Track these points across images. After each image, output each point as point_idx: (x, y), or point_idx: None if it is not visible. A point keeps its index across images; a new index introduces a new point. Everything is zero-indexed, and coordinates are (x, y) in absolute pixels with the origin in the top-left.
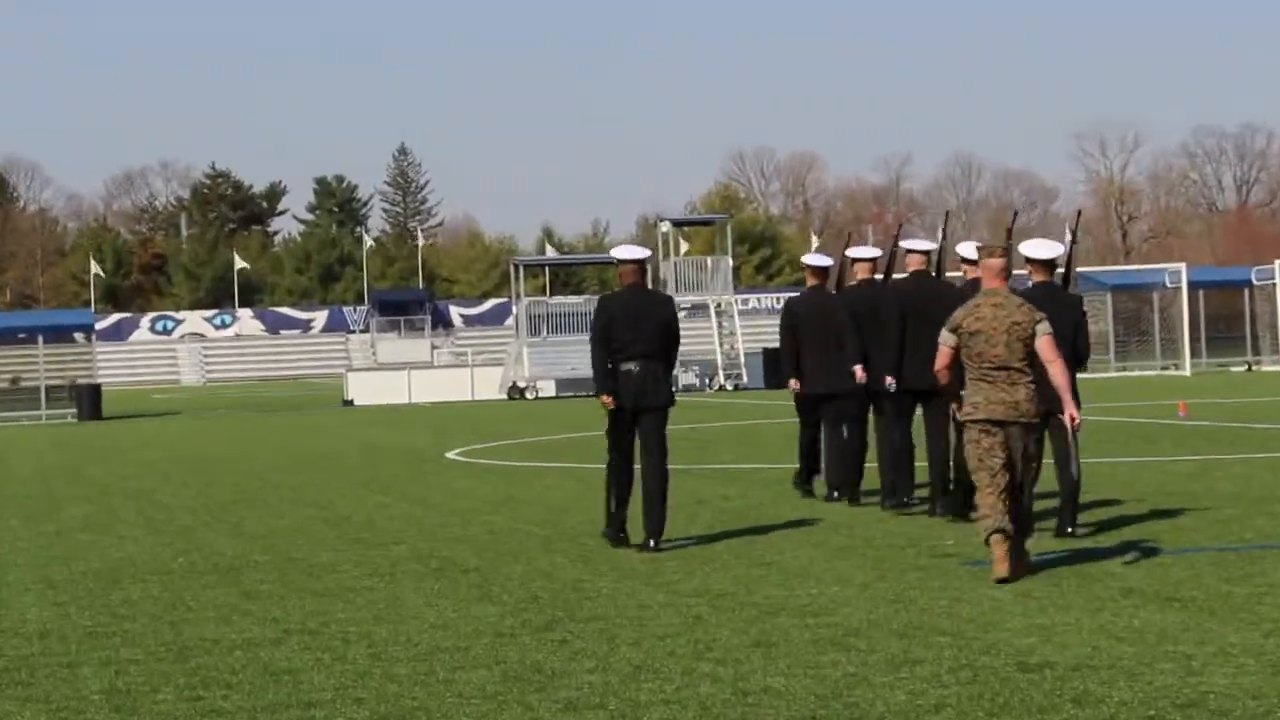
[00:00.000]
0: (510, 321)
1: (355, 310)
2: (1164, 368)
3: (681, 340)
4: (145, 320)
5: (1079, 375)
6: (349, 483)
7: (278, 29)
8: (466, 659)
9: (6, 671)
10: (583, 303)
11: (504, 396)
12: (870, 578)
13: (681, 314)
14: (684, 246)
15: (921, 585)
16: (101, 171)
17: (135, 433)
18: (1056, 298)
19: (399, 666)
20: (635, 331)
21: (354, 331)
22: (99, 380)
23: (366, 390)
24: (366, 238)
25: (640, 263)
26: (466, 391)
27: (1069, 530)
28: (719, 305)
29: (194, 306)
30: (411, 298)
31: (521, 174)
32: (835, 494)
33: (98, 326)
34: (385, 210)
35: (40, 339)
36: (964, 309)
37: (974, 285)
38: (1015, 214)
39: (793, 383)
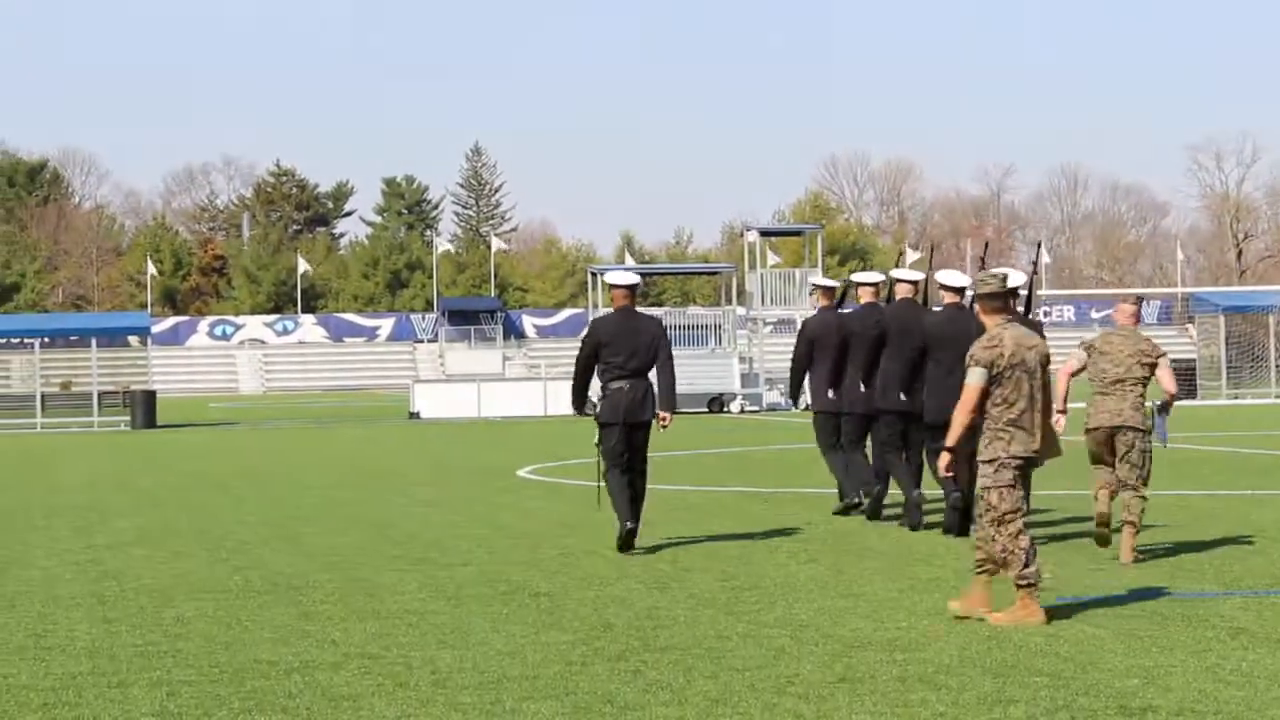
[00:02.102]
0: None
1: (423, 318)
2: (1279, 395)
3: (766, 357)
4: (204, 324)
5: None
6: (414, 500)
7: (346, 22)
8: (535, 688)
9: (54, 691)
10: (663, 315)
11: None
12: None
13: (766, 329)
14: (771, 257)
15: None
16: (161, 167)
17: (191, 443)
18: (965, 320)
19: (464, 695)
20: (625, 352)
21: (422, 341)
22: (154, 387)
23: (434, 403)
24: (437, 242)
25: (630, 287)
26: (539, 406)
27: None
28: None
29: (255, 311)
30: (483, 306)
31: (601, 178)
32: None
33: (154, 330)
34: (457, 214)
35: (94, 342)
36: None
37: (953, 311)
38: (987, 244)
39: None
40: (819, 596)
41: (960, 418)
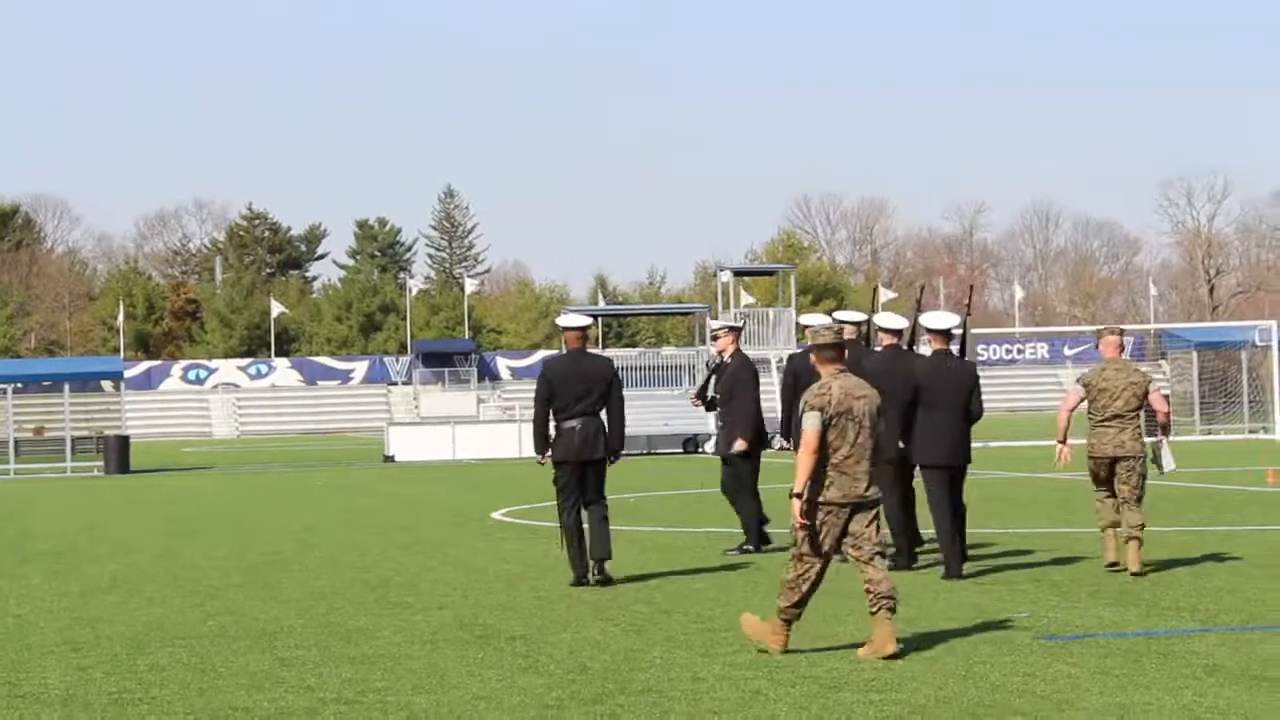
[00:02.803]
0: None
1: (397, 361)
2: (1252, 431)
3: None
4: (177, 369)
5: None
6: (390, 544)
7: (318, 63)
8: None
9: None
10: (637, 355)
11: None
12: (939, 651)
13: None
14: (745, 297)
15: (993, 660)
16: (133, 210)
17: (165, 488)
18: (954, 365)
19: None
20: (577, 392)
21: (396, 383)
22: (127, 431)
23: (408, 445)
24: (410, 285)
25: (582, 329)
26: (514, 448)
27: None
28: (781, 360)
29: (228, 355)
30: (457, 348)
31: (574, 219)
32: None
33: (127, 375)
34: (430, 256)
35: (66, 387)
36: None
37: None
38: (923, 288)
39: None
40: (795, 638)
41: (802, 461)
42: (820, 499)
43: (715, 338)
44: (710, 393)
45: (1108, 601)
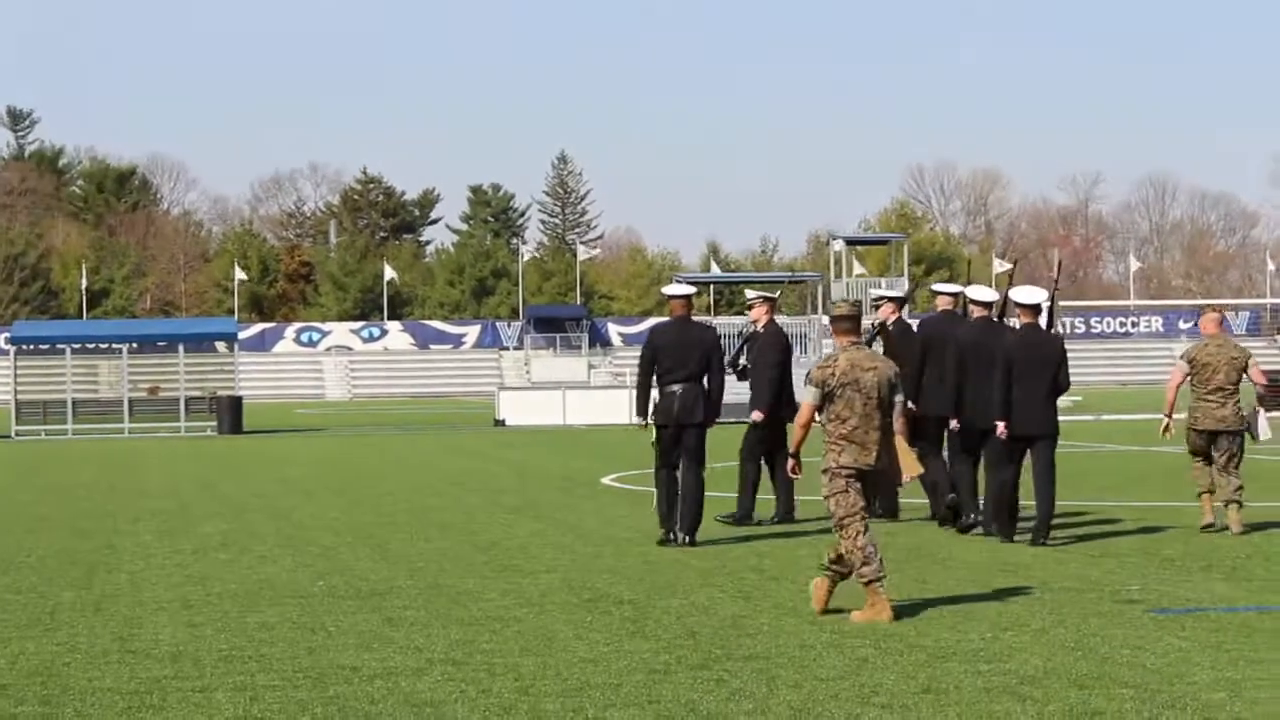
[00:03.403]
0: None
1: (509, 326)
2: None
3: None
4: (290, 331)
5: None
6: (499, 507)
7: (433, 29)
8: (618, 696)
9: (138, 694)
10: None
11: None
12: (1048, 623)
13: None
14: (857, 266)
15: (1102, 633)
16: (248, 174)
17: (276, 449)
18: (1042, 338)
19: (547, 702)
20: (680, 359)
21: (507, 348)
22: (240, 392)
23: (519, 410)
24: (523, 250)
25: (686, 298)
26: (625, 414)
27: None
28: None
29: (341, 318)
30: (568, 314)
31: (687, 186)
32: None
33: (240, 336)
34: (543, 222)
35: (181, 348)
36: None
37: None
38: (1060, 262)
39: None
40: (903, 606)
41: (796, 432)
42: (834, 464)
43: (750, 306)
44: (742, 361)
45: (1220, 576)
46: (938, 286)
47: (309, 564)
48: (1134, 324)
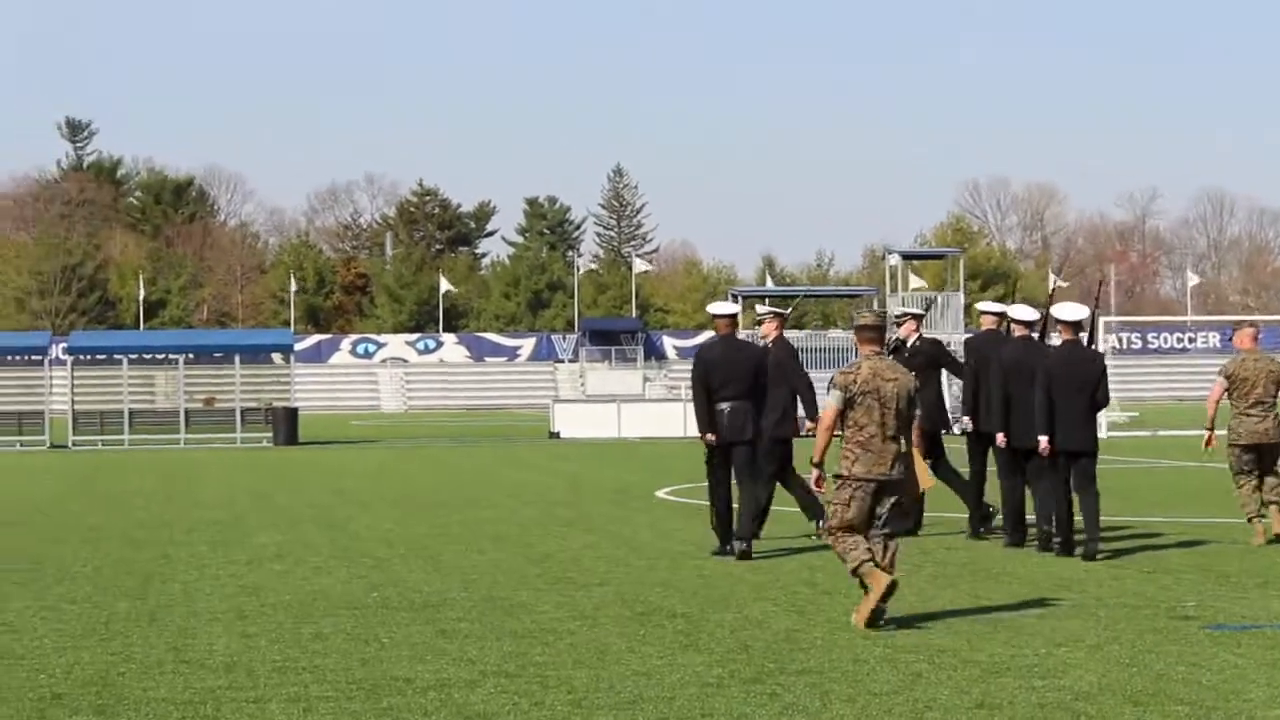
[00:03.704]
0: None
1: (564, 338)
2: None
3: None
4: (346, 342)
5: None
6: (553, 519)
7: (491, 41)
8: (671, 710)
9: (192, 705)
10: (804, 337)
11: None
12: (1102, 639)
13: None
14: (914, 280)
15: (1158, 649)
16: (305, 185)
17: (332, 460)
18: (1083, 355)
19: (599, 715)
20: (728, 376)
21: (562, 361)
22: (296, 404)
23: (574, 422)
24: (578, 263)
25: (731, 316)
26: (679, 427)
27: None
28: (948, 344)
29: (397, 330)
30: (623, 327)
31: (742, 200)
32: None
33: (297, 347)
34: (599, 235)
35: (237, 359)
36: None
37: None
38: (1101, 282)
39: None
40: (957, 621)
41: (819, 435)
42: (846, 473)
43: (759, 322)
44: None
45: (1276, 592)
46: (982, 306)
47: (363, 575)
48: (1191, 340)
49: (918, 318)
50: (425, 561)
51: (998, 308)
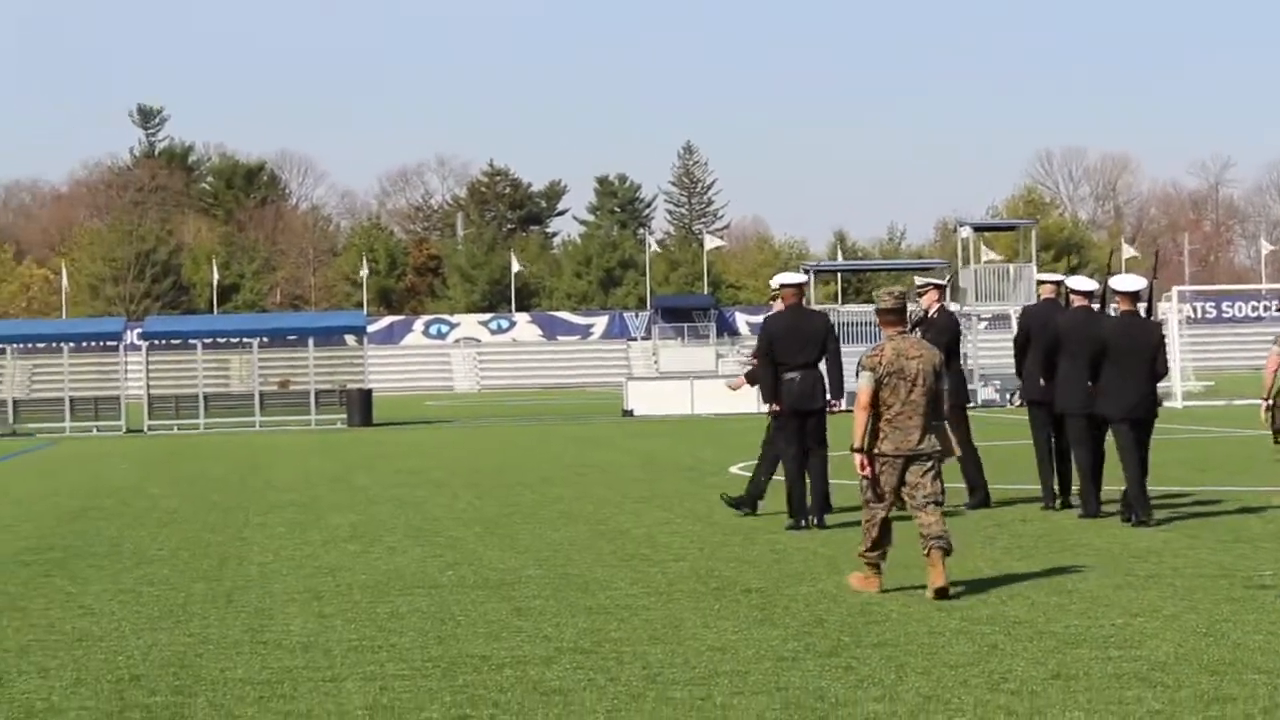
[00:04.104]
0: None
1: (636, 316)
2: None
3: (979, 353)
4: (418, 323)
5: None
6: (627, 497)
7: (559, 20)
8: (746, 684)
9: (269, 684)
10: (870, 311)
11: None
12: (1179, 609)
13: (981, 324)
14: (986, 253)
15: (1235, 618)
16: (376, 168)
17: (406, 441)
18: (1141, 325)
19: (675, 690)
20: (795, 346)
21: (635, 338)
22: (370, 385)
23: (647, 400)
24: (650, 240)
25: (799, 286)
26: (753, 403)
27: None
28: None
29: (469, 310)
30: (695, 304)
31: (813, 174)
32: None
33: (369, 329)
34: (670, 212)
35: (311, 341)
36: None
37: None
38: (1156, 253)
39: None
40: (1033, 593)
41: (858, 417)
42: (875, 450)
43: (773, 298)
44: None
45: None
46: (1040, 276)
47: (438, 554)
48: (1265, 308)
49: (939, 288)
50: (500, 539)
51: (1055, 277)
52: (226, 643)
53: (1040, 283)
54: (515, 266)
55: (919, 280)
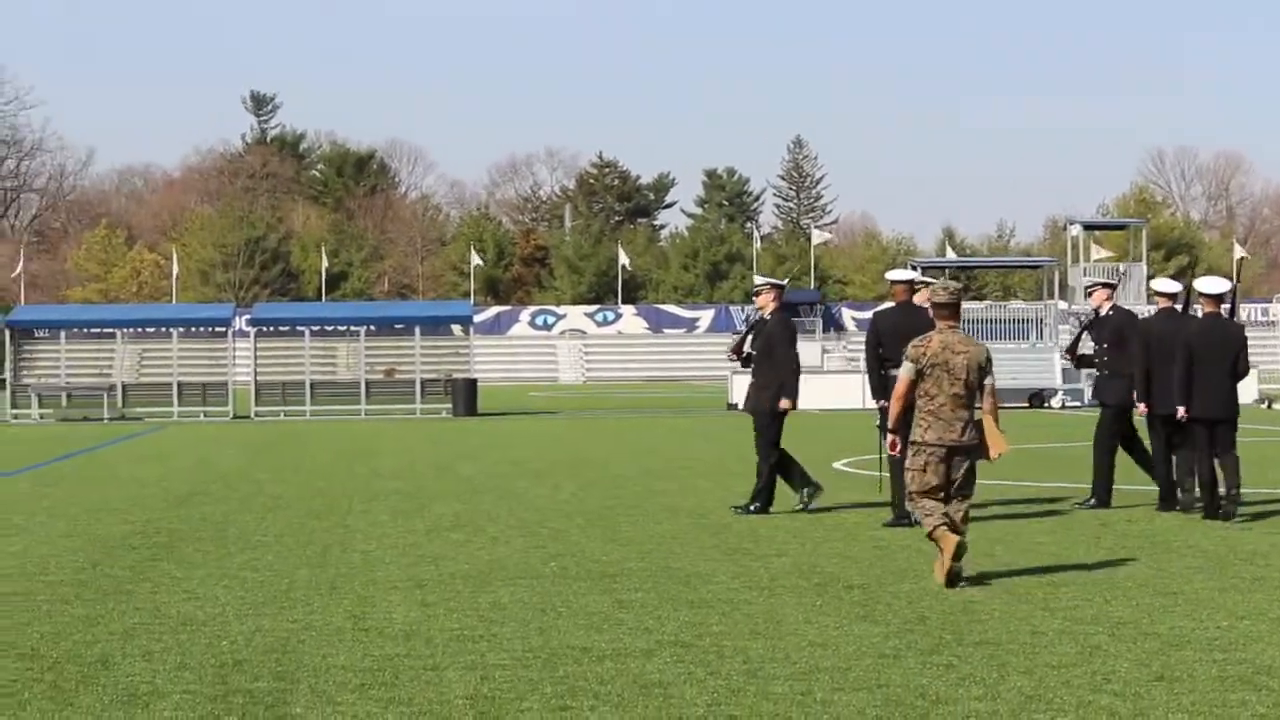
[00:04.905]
0: None
1: (743, 310)
2: None
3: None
4: (525, 314)
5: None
6: (729, 491)
7: (669, 14)
8: (846, 680)
9: (371, 672)
10: (984, 309)
11: None
12: None
13: None
14: (1095, 251)
15: None
16: (485, 158)
17: (511, 431)
18: (1224, 326)
19: (775, 685)
20: (901, 344)
21: (738, 332)
22: (475, 375)
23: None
24: (757, 234)
25: (909, 283)
26: (858, 398)
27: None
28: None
29: (575, 301)
30: (802, 298)
31: (922, 170)
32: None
33: (476, 319)
34: (778, 206)
35: (417, 330)
36: None
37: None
38: (1242, 259)
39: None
40: (1137, 594)
41: (894, 405)
42: (920, 439)
43: (757, 294)
44: (747, 349)
45: None
46: (1092, 282)
47: (541, 545)
48: None
49: (1110, 286)
50: (602, 532)
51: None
52: (329, 630)
53: (1091, 289)
54: (622, 259)
55: (1086, 280)
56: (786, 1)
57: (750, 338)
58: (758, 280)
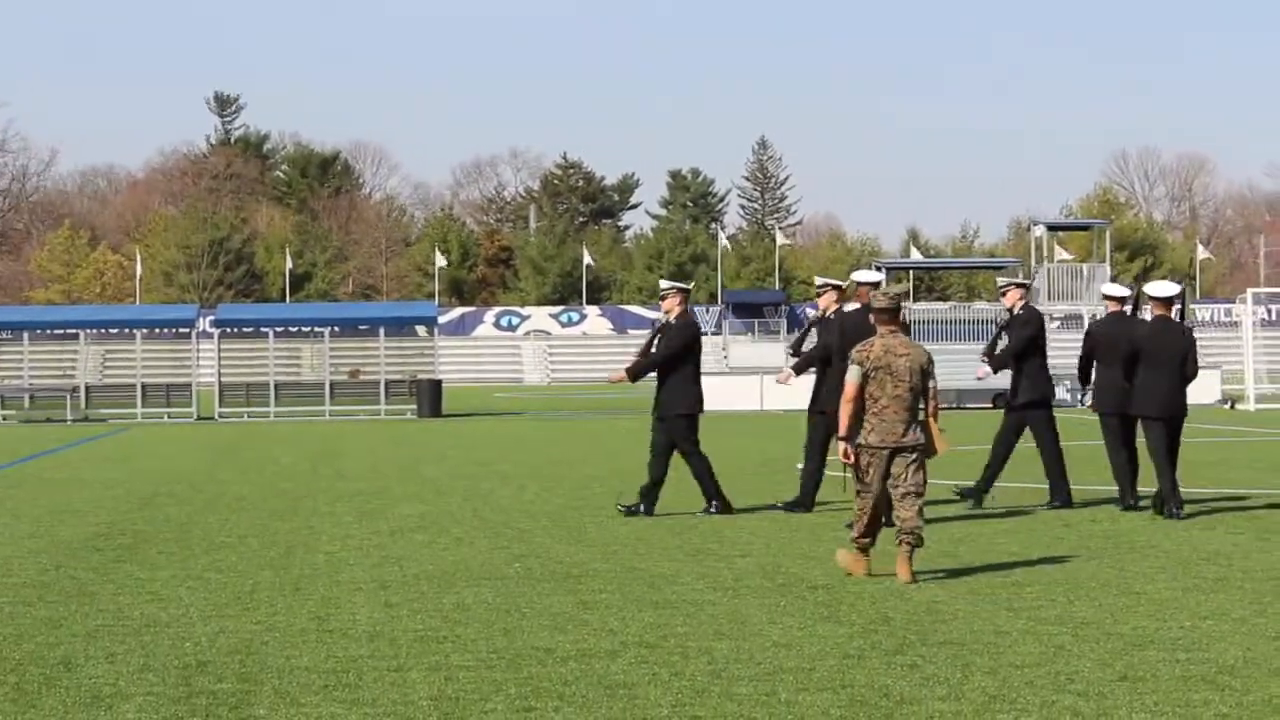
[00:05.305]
0: None
1: (708, 311)
2: None
3: (1050, 353)
4: (489, 315)
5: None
6: (694, 492)
7: (632, 17)
8: (810, 681)
9: (335, 673)
10: (948, 309)
11: None
12: (1248, 612)
13: (1053, 325)
14: (1060, 253)
15: None
16: (450, 159)
17: (475, 432)
18: (1172, 329)
19: (740, 685)
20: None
21: (705, 333)
22: (440, 376)
23: (717, 395)
24: (722, 235)
25: (875, 284)
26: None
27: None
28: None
29: (540, 302)
30: (767, 299)
31: (886, 171)
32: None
33: (441, 320)
34: (742, 207)
35: (382, 331)
36: None
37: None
38: (1184, 289)
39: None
40: (1100, 594)
41: (843, 409)
42: (862, 441)
43: (663, 297)
44: (653, 353)
45: None
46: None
47: (505, 546)
48: None
49: (1023, 286)
50: (567, 532)
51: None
52: (293, 631)
53: (1105, 297)
54: (587, 260)
55: (1000, 280)
56: (751, 3)
57: (655, 341)
58: (663, 285)
